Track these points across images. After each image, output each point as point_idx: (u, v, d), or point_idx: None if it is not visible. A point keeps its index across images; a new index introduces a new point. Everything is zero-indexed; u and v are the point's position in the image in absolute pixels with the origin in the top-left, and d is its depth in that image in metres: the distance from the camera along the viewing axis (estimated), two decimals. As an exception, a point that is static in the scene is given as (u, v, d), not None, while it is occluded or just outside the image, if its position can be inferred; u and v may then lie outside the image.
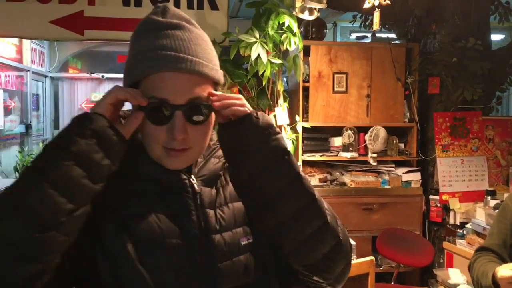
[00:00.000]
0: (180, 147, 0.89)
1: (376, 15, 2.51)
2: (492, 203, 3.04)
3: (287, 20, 3.12)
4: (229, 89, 3.48)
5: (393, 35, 4.46)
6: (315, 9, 2.98)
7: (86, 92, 7.85)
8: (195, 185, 0.94)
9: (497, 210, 2.76)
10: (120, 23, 3.69)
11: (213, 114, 0.92)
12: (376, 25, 2.51)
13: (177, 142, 0.88)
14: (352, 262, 2.29)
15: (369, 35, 4.22)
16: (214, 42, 3.45)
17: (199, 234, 0.91)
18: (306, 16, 3.03)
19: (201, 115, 0.89)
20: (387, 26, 4.47)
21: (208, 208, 0.94)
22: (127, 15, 3.70)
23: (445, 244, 3.23)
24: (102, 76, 7.75)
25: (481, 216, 2.90)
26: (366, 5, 2.54)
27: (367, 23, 4.51)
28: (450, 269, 2.65)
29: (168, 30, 0.89)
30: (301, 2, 2.98)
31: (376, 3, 2.44)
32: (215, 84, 0.94)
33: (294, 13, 3.12)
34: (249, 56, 3.25)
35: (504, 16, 4.29)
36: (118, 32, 3.72)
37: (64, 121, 7.81)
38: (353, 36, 7.09)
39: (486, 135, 3.87)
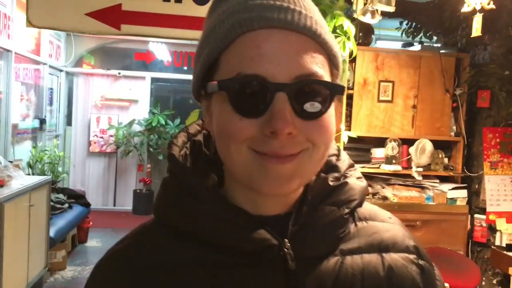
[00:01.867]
0: (284, 151, 0.55)
1: (478, 20, 2.32)
2: None
3: (346, 23, 2.93)
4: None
5: (438, 45, 4.27)
6: (377, 12, 2.80)
7: (101, 89, 7.65)
8: (289, 257, 0.58)
9: None
10: (159, 19, 3.50)
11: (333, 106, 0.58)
12: (477, 31, 2.32)
13: (279, 141, 0.54)
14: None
15: (416, 43, 4.05)
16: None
17: None
18: (367, 19, 2.85)
19: (318, 102, 0.55)
20: (428, 34, 4.30)
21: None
22: (167, 11, 3.51)
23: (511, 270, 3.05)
24: (119, 73, 7.54)
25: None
26: (465, 8, 2.36)
27: (409, 31, 4.33)
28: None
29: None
30: (364, 4, 2.80)
31: (478, 7, 2.26)
32: (332, 66, 0.60)
33: (355, 15, 2.94)
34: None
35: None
36: (156, 28, 3.52)
37: (77, 117, 7.62)
38: (379, 43, 6.92)
39: (536, 153, 3.69)
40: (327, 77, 0.57)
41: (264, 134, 0.54)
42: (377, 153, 3.79)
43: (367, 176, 3.83)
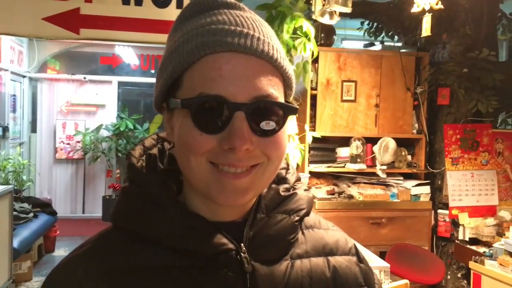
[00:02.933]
0: (241, 164, 0.59)
1: (427, 20, 2.36)
2: None
3: (305, 24, 2.94)
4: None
5: (399, 44, 4.35)
6: (335, 13, 2.82)
7: (66, 94, 7.50)
8: (245, 261, 0.63)
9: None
10: (119, 22, 3.44)
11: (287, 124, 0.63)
12: (427, 31, 2.36)
13: (237, 155, 0.57)
14: (388, 286, 2.13)
15: (377, 43, 4.11)
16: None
17: None
18: (326, 20, 2.87)
19: (273, 121, 0.59)
20: (390, 34, 4.37)
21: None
22: (127, 14, 3.45)
23: (472, 265, 3.10)
24: (84, 78, 7.41)
25: (513, 235, 2.79)
26: (415, 9, 2.39)
27: (371, 31, 4.40)
28: (482, 292, 2.52)
29: (224, 9, 0.62)
30: (322, 6, 2.82)
31: (427, 7, 2.30)
32: (286, 87, 0.65)
33: (313, 16, 2.95)
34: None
35: (508, 28, 4.25)
36: (116, 32, 3.46)
37: (42, 124, 7.45)
38: (344, 43, 7.01)
39: (495, 149, 3.79)
40: (281, 98, 0.62)
41: (223, 149, 0.58)
42: (342, 152, 3.82)
43: (333, 175, 3.87)
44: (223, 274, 0.62)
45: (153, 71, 7.73)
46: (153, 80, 7.59)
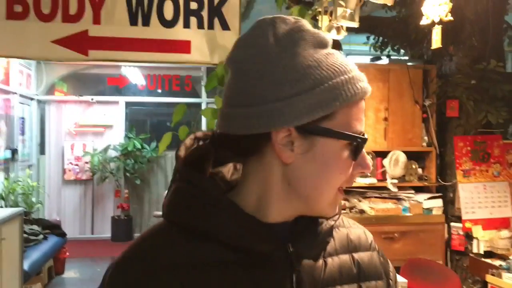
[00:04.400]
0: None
1: (437, 32, 2.36)
2: None
3: (313, 40, 2.96)
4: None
5: (405, 57, 4.36)
6: (342, 28, 2.83)
7: (74, 115, 7.55)
8: (294, 259, 0.71)
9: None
10: (127, 43, 3.47)
11: None
12: (437, 43, 2.36)
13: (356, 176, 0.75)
14: (405, 302, 2.09)
15: (384, 57, 4.12)
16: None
17: None
18: (333, 35, 2.88)
19: None
20: (396, 48, 4.38)
21: (309, 278, 0.72)
22: (134, 35, 3.47)
23: (490, 278, 3.06)
24: (92, 99, 7.47)
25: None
26: (425, 21, 2.40)
27: (377, 45, 4.41)
28: (501, 306, 2.47)
29: (329, 48, 0.71)
30: (329, 21, 2.83)
31: (437, 19, 2.30)
32: None
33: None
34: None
35: (514, 39, 4.25)
36: (124, 52, 3.49)
37: (51, 145, 7.49)
38: (349, 58, 7.03)
39: (507, 160, 3.76)
40: None
41: (356, 174, 0.73)
42: (352, 167, 3.80)
43: (344, 190, 3.83)
44: (274, 270, 0.70)
45: (160, 91, 7.78)
46: (160, 99, 7.67)
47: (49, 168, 7.52)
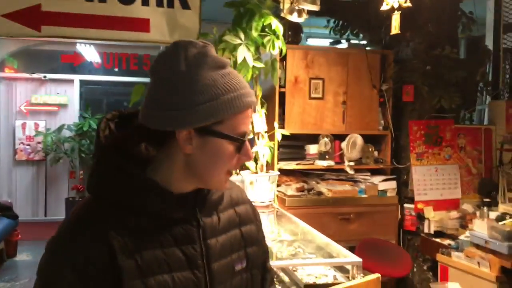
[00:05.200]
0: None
1: (396, 18, 2.40)
2: (492, 215, 3.02)
3: (274, 22, 2.95)
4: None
5: (364, 42, 4.42)
6: (304, 11, 2.83)
7: (25, 94, 7.25)
8: (199, 217, 1.01)
9: (502, 222, 2.74)
10: (83, 19, 3.33)
11: None
12: (396, 29, 2.39)
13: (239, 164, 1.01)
14: (360, 281, 2.16)
15: (343, 41, 4.16)
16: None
17: (202, 263, 0.99)
18: (294, 18, 2.88)
19: None
20: (355, 32, 4.43)
21: (209, 238, 1.01)
22: (90, 11, 3.35)
23: (439, 257, 3.18)
24: (44, 77, 7.18)
25: (481, 228, 2.86)
26: (384, 6, 2.42)
27: (336, 29, 4.45)
28: (450, 284, 2.59)
29: (228, 68, 0.96)
30: (290, 3, 2.82)
31: (396, 5, 2.33)
32: None
33: (282, 14, 2.96)
34: (228, 58, 3.05)
35: (467, 26, 4.38)
36: (79, 29, 3.36)
37: (0, 125, 7.18)
38: (310, 41, 7.07)
39: (458, 144, 3.91)
40: None
41: (239, 162, 0.99)
42: (311, 149, 3.85)
43: (302, 172, 3.89)
44: (187, 226, 0.98)
45: (116, 70, 7.57)
46: (116, 78, 7.46)
47: (-1, 148, 7.22)
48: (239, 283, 1.06)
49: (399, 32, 2.46)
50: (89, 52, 7.21)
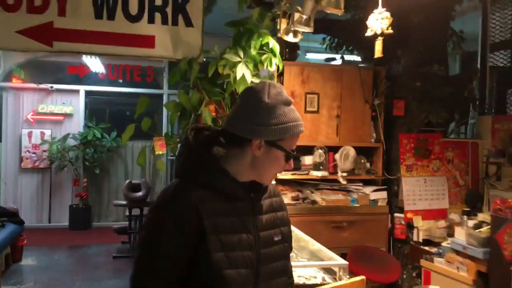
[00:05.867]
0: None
1: (378, 43, 2.61)
2: (470, 223, 3.22)
3: (271, 41, 3.16)
4: (206, 107, 3.46)
5: (358, 58, 4.64)
6: (299, 31, 3.05)
7: (32, 103, 7.48)
8: (253, 200, 1.42)
9: (478, 230, 2.93)
10: (92, 36, 3.55)
11: None
12: (378, 53, 2.61)
13: (283, 171, 1.46)
14: (345, 282, 2.34)
15: (338, 57, 4.37)
16: (191, 60, 3.44)
17: (253, 230, 1.39)
18: (290, 38, 3.09)
19: None
20: (350, 48, 4.66)
21: (258, 215, 1.42)
22: (99, 28, 3.57)
23: (423, 262, 3.37)
24: (51, 87, 7.42)
25: (460, 235, 3.06)
26: (368, 33, 2.64)
27: (332, 45, 4.68)
28: (431, 287, 2.77)
29: (292, 105, 1.38)
30: (286, 24, 3.04)
31: (379, 32, 2.54)
32: None
33: (279, 34, 3.17)
34: (228, 74, 3.28)
35: (457, 44, 4.60)
36: (89, 45, 3.57)
37: (8, 133, 7.40)
38: (308, 55, 7.30)
39: (446, 156, 4.11)
40: None
41: (285, 167, 1.40)
42: (306, 160, 4.05)
43: (298, 182, 4.09)
44: (245, 204, 1.39)
45: (120, 81, 7.80)
46: (120, 89, 7.66)
47: (6, 156, 7.42)
48: (277, 250, 1.45)
49: (382, 55, 2.67)
50: (95, 64, 7.45)
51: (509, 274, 2.74)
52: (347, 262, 2.47)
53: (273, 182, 3.70)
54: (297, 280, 2.47)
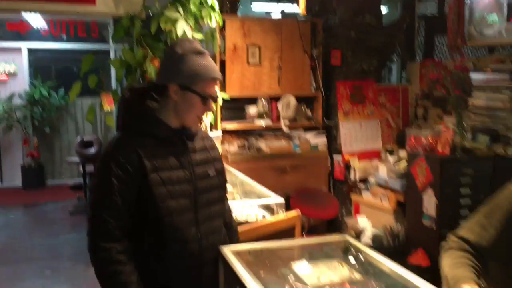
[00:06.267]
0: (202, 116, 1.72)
1: (302, 1, 2.79)
2: (391, 159, 3.59)
3: (210, -3, 3.29)
4: (151, 63, 3.57)
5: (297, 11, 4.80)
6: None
7: (-28, 63, 7.25)
8: (186, 142, 1.67)
9: (397, 165, 3.29)
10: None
11: None
12: (302, 10, 2.79)
13: (205, 114, 1.71)
14: (282, 216, 2.64)
15: (278, 9, 4.52)
16: (133, 17, 3.52)
17: (189, 167, 1.65)
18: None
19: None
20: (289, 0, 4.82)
21: (192, 153, 1.68)
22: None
23: (353, 196, 3.74)
24: (-9, 45, 7.18)
25: (382, 171, 3.42)
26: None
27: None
28: (358, 217, 3.14)
29: (205, 56, 1.61)
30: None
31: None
32: None
33: (216, -11, 3.30)
34: (170, 30, 3.39)
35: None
36: (27, 2, 3.58)
37: (-51, 95, 7.17)
38: (254, 4, 7.36)
39: (379, 101, 4.44)
40: None
41: (203, 111, 1.65)
42: (251, 110, 4.28)
43: (243, 131, 4.33)
44: (180, 146, 1.64)
45: (64, 36, 7.63)
46: (65, 45, 7.51)
47: (-51, 118, 7.24)
48: (213, 183, 1.72)
49: (306, 14, 2.86)
50: (36, 20, 7.23)
51: (421, 201, 3.14)
52: (283, 199, 2.77)
53: (220, 133, 3.94)
54: (240, 218, 2.75)
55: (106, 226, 1.51)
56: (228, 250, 1.74)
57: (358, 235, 3.59)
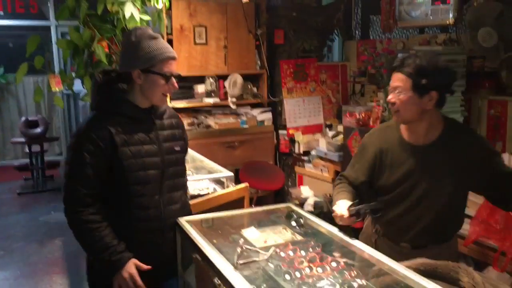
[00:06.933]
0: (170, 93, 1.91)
1: None
2: (330, 133, 3.88)
3: (156, -21, 3.37)
4: (98, 43, 3.63)
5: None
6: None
7: None
8: (154, 120, 1.88)
9: (335, 138, 3.58)
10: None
11: None
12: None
13: (171, 91, 1.85)
14: (232, 189, 2.86)
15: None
16: (80, -2, 3.54)
17: (157, 142, 1.86)
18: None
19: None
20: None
21: (160, 130, 1.89)
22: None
23: (297, 168, 4.02)
24: None
25: (322, 144, 3.71)
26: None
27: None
28: (301, 187, 3.41)
29: (158, 39, 1.79)
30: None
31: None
32: None
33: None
34: (117, 11, 3.45)
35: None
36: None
37: None
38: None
39: (320, 78, 4.71)
40: None
41: (169, 88, 1.83)
42: (199, 89, 4.44)
43: (192, 109, 4.49)
44: (147, 123, 1.86)
45: (1, 13, 7.35)
46: (3, 22, 7.24)
47: None
48: (178, 157, 1.95)
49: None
50: (-31, -5, 6.92)
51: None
52: (232, 173, 2.99)
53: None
54: (192, 192, 2.94)
55: (78, 194, 1.73)
56: (184, 220, 1.95)
57: (302, 203, 3.90)
